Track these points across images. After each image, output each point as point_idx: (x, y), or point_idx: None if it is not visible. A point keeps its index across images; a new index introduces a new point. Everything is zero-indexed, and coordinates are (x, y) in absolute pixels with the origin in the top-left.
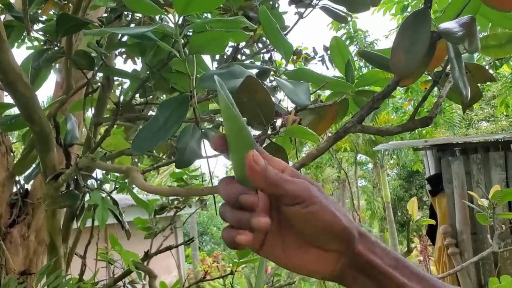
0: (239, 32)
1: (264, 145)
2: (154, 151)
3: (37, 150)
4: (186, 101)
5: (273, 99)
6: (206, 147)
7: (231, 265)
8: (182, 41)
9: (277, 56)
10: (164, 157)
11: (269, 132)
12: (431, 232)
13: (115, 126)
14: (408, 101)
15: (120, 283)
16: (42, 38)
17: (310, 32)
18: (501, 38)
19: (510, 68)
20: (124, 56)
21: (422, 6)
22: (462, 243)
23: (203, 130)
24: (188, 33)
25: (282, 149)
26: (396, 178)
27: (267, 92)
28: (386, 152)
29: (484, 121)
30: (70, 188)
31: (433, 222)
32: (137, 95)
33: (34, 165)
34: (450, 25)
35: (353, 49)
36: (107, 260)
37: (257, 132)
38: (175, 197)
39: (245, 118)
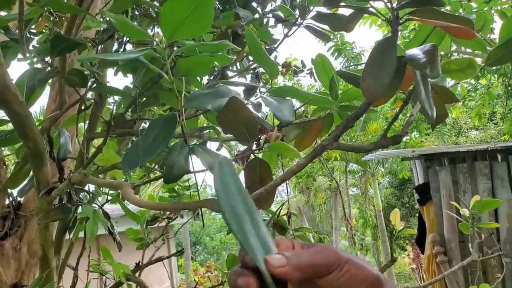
0: (222, 56)
1: (249, 160)
2: (147, 163)
3: (30, 165)
4: (174, 120)
5: (259, 114)
6: (194, 162)
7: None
8: (170, 64)
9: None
10: (156, 167)
11: (253, 147)
12: (420, 241)
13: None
14: (391, 110)
15: None
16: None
17: (299, 44)
18: (462, 64)
19: (486, 80)
20: (115, 68)
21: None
22: (451, 251)
23: (190, 147)
24: (177, 55)
25: (266, 164)
26: (387, 187)
27: (250, 111)
28: (377, 161)
29: (473, 130)
30: (63, 202)
31: (414, 232)
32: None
33: (27, 180)
34: (415, 51)
35: (341, 60)
36: (99, 271)
37: (242, 147)
38: None
39: (231, 135)
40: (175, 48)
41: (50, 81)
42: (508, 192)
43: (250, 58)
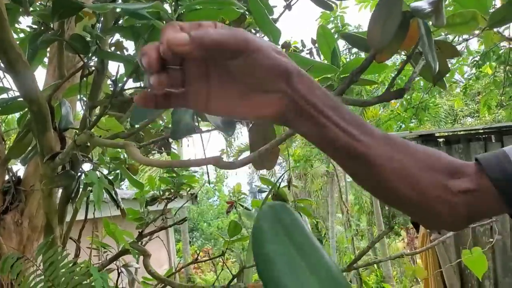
0: (230, 9)
1: (253, 123)
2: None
3: (33, 132)
4: None
5: None
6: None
7: (220, 260)
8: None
9: None
10: (155, 148)
11: None
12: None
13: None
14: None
15: (114, 266)
16: (28, 30)
17: (300, 27)
18: (466, 16)
19: (492, 69)
20: (113, 48)
21: None
22: (444, 229)
23: None
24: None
25: (270, 125)
26: None
27: None
28: None
29: (468, 117)
30: (67, 169)
31: None
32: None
33: (29, 148)
34: (420, 3)
35: (341, 43)
36: (100, 245)
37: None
38: (166, 188)
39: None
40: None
41: (46, 59)
42: None
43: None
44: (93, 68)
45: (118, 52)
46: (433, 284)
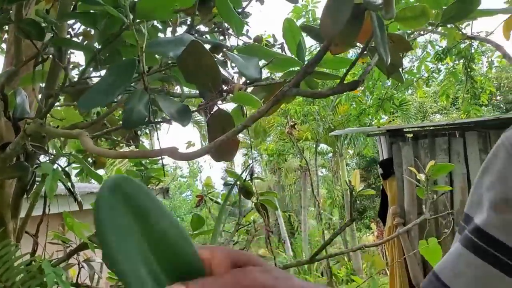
0: None
1: (212, 112)
2: (113, 135)
3: None
4: (133, 64)
5: (224, 73)
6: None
7: None
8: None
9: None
10: (122, 140)
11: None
12: (383, 214)
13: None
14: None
15: (75, 261)
16: None
17: (274, 21)
18: (416, 10)
19: (452, 60)
20: (80, 38)
21: None
22: (409, 223)
23: (151, 95)
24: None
25: (228, 115)
26: (355, 168)
27: (212, 59)
28: (345, 142)
29: (437, 114)
30: (20, 160)
31: (373, 192)
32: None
33: None
34: None
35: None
36: (61, 239)
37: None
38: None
39: (195, 92)
40: None
41: (4, 46)
42: (463, 167)
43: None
44: (49, 55)
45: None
46: (398, 275)
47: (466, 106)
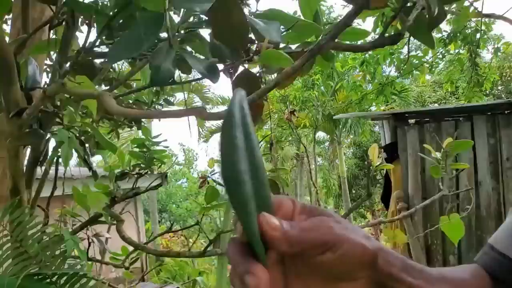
0: None
1: (237, 74)
2: (115, 116)
3: None
4: (161, 18)
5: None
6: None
7: (191, 240)
8: None
9: None
10: (125, 121)
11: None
12: (385, 198)
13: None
14: (358, 73)
15: (85, 235)
16: None
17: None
18: None
19: (456, 47)
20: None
21: None
22: (413, 207)
23: (178, 52)
24: None
25: (255, 77)
26: (351, 157)
27: (243, 13)
28: (344, 129)
29: (436, 103)
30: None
31: (391, 166)
32: None
33: None
34: None
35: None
36: (70, 215)
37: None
38: (136, 163)
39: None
40: None
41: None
42: (470, 151)
43: None
44: (62, 20)
45: None
46: None
47: (469, 93)
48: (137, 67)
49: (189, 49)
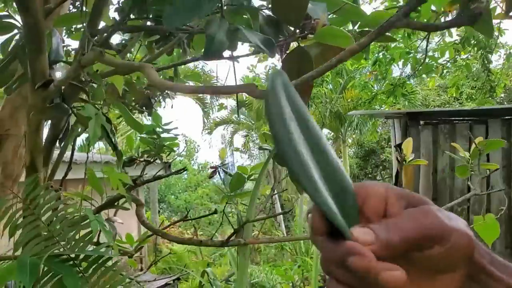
0: None
1: (290, 50)
2: (127, 100)
3: (20, 59)
4: None
5: None
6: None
7: (189, 232)
8: None
9: None
10: (136, 106)
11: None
12: None
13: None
14: (370, 73)
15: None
16: None
17: None
18: None
19: (468, 52)
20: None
21: None
22: None
23: (231, 24)
24: None
25: (308, 55)
26: (353, 157)
27: None
28: (349, 128)
29: (439, 107)
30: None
31: (425, 162)
32: None
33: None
34: None
35: None
36: (83, 198)
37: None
38: (145, 150)
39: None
40: None
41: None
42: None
43: None
44: None
45: None
46: None
47: (482, 100)
48: (172, 42)
49: None
